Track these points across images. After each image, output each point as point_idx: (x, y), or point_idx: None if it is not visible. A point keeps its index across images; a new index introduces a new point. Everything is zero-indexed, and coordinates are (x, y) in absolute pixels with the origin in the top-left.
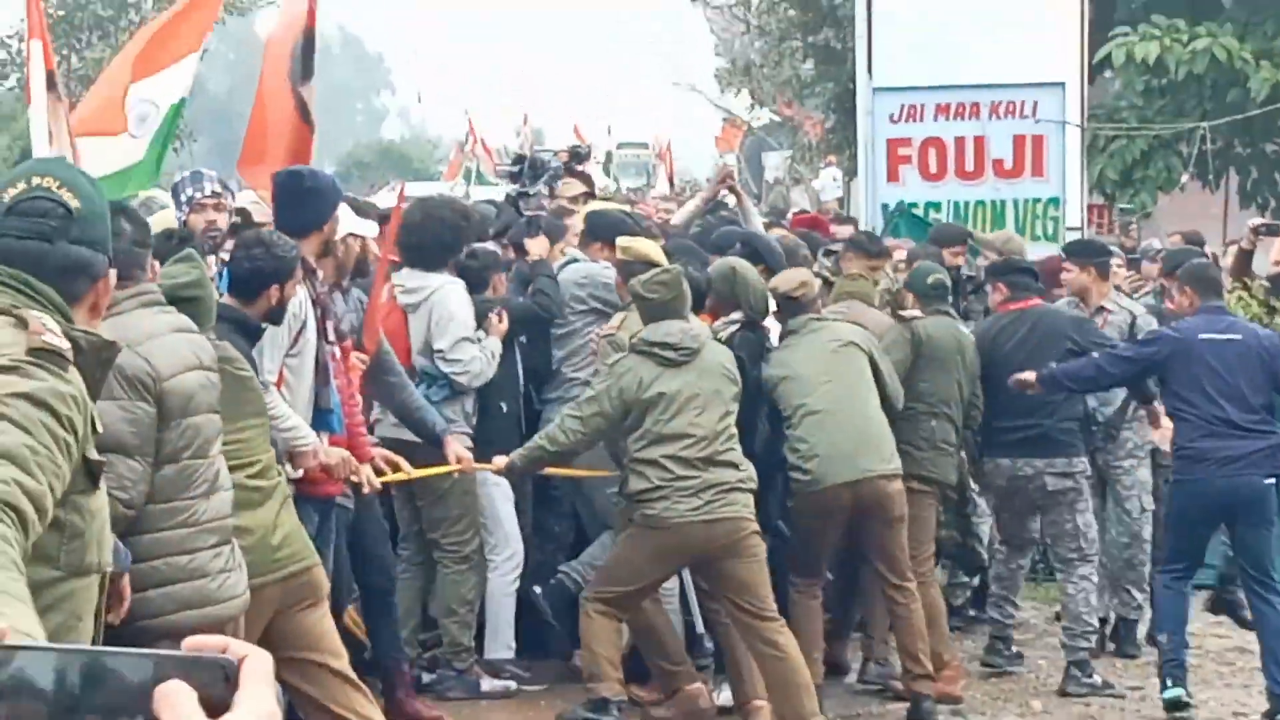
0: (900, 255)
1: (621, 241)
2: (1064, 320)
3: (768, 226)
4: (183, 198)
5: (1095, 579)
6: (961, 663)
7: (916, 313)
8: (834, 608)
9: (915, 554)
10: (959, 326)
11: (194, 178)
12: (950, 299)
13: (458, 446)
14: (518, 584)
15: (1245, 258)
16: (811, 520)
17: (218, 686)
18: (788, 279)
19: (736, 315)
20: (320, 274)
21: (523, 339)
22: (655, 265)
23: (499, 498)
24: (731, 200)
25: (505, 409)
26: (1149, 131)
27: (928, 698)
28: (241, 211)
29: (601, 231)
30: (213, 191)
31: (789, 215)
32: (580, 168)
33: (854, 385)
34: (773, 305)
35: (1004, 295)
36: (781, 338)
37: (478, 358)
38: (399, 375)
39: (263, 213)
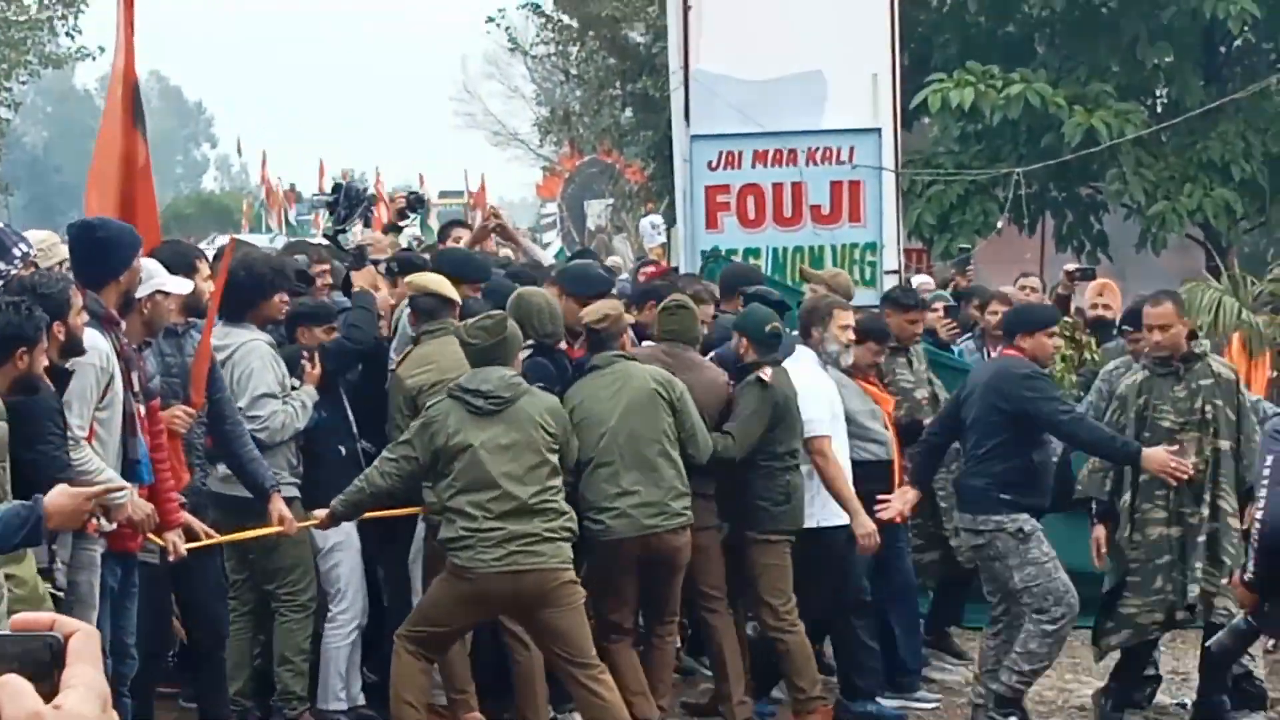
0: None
1: (411, 276)
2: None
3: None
4: (16, 252)
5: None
6: None
7: (766, 371)
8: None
9: (775, 602)
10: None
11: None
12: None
13: (280, 506)
14: (355, 636)
15: (1062, 302)
16: (606, 569)
17: (44, 664)
18: (592, 310)
19: (529, 341)
20: (124, 327)
21: (350, 377)
22: (443, 298)
23: (342, 549)
24: (506, 251)
25: (343, 452)
26: (965, 176)
27: None
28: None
29: (459, 269)
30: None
31: (635, 267)
32: (411, 215)
33: (646, 435)
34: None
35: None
36: (585, 372)
37: (278, 412)
38: (235, 424)
39: None
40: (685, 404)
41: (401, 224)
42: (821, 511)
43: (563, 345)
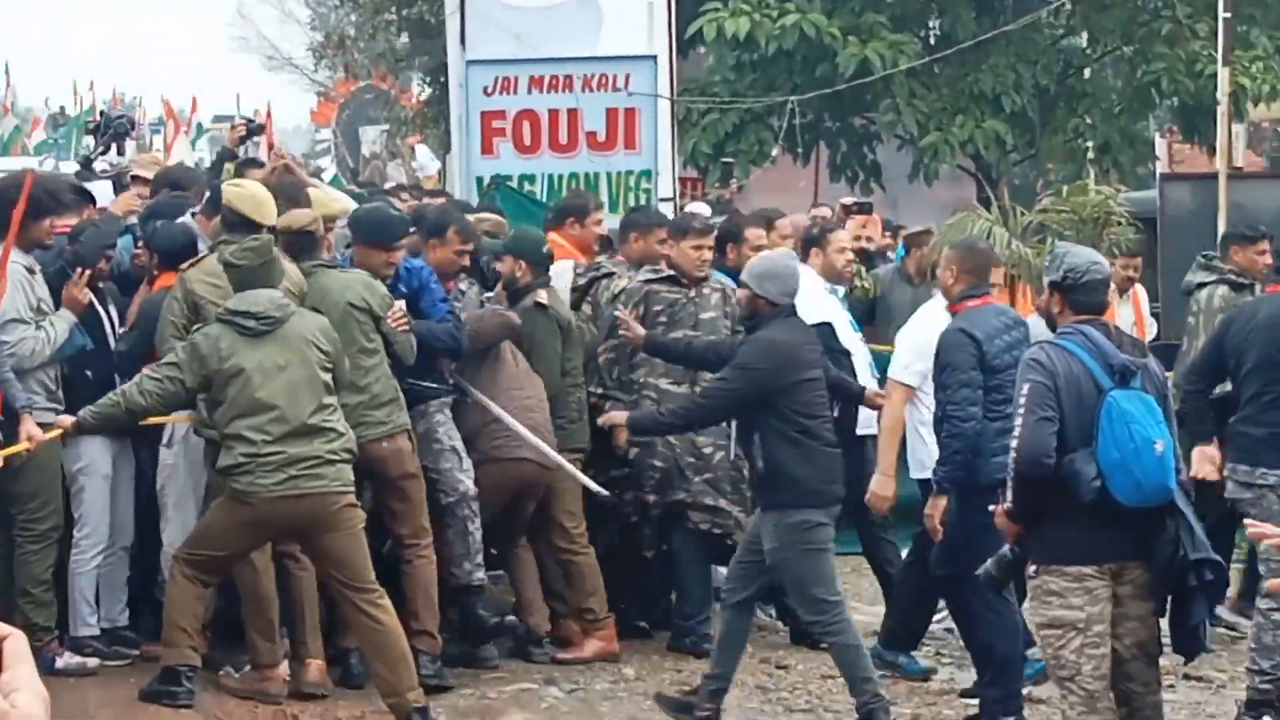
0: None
1: (227, 185)
2: None
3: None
4: None
5: None
6: None
7: (542, 295)
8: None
9: (568, 524)
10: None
11: None
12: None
13: (30, 424)
14: (101, 559)
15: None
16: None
17: None
18: (293, 216)
19: None
20: None
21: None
22: (244, 217)
23: (86, 473)
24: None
25: (90, 376)
26: (740, 105)
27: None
28: None
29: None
30: None
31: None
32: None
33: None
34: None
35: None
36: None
37: (27, 338)
38: None
39: None
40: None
41: (236, 151)
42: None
43: None
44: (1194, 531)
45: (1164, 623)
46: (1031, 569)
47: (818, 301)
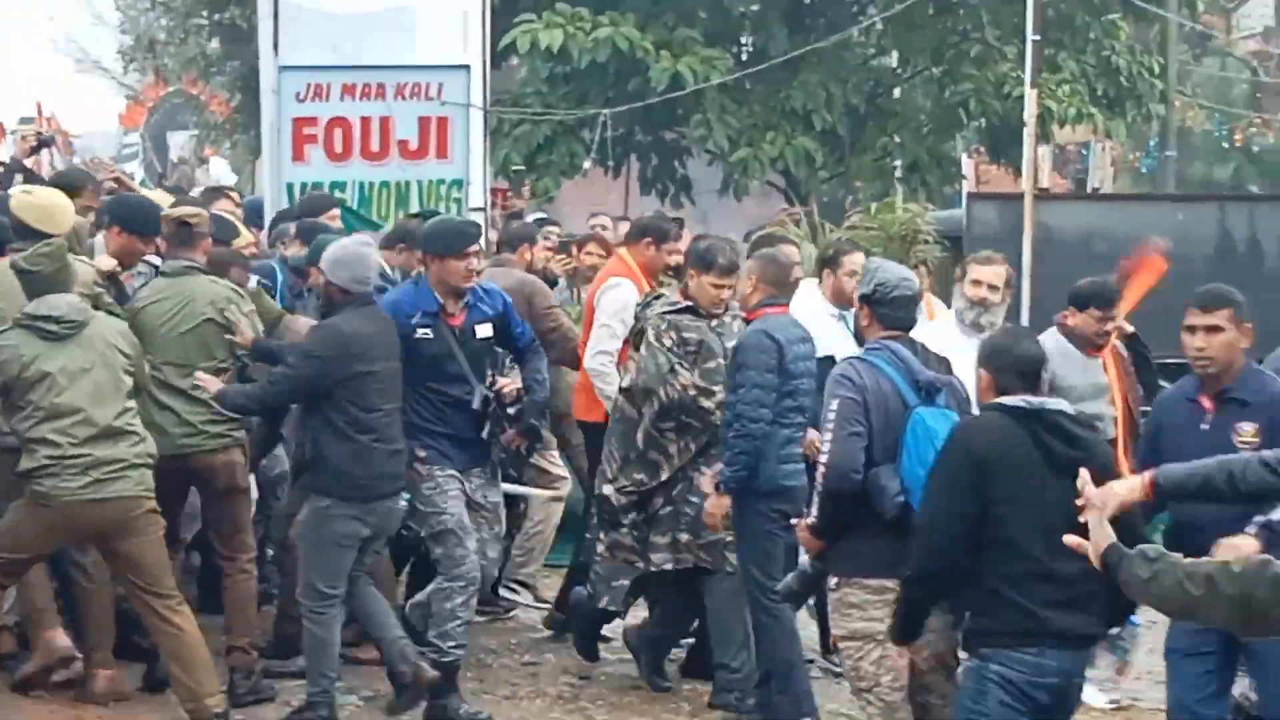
0: None
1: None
2: None
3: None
4: None
5: None
6: None
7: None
8: None
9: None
10: None
11: None
12: None
13: None
14: None
15: None
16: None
17: None
18: (181, 209)
19: None
20: None
21: None
22: (24, 225)
23: None
24: None
25: None
26: (552, 117)
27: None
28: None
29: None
30: None
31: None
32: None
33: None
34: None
35: None
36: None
37: None
38: None
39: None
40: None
41: (26, 162)
42: None
43: None
44: None
45: None
46: (832, 582)
47: (823, 326)
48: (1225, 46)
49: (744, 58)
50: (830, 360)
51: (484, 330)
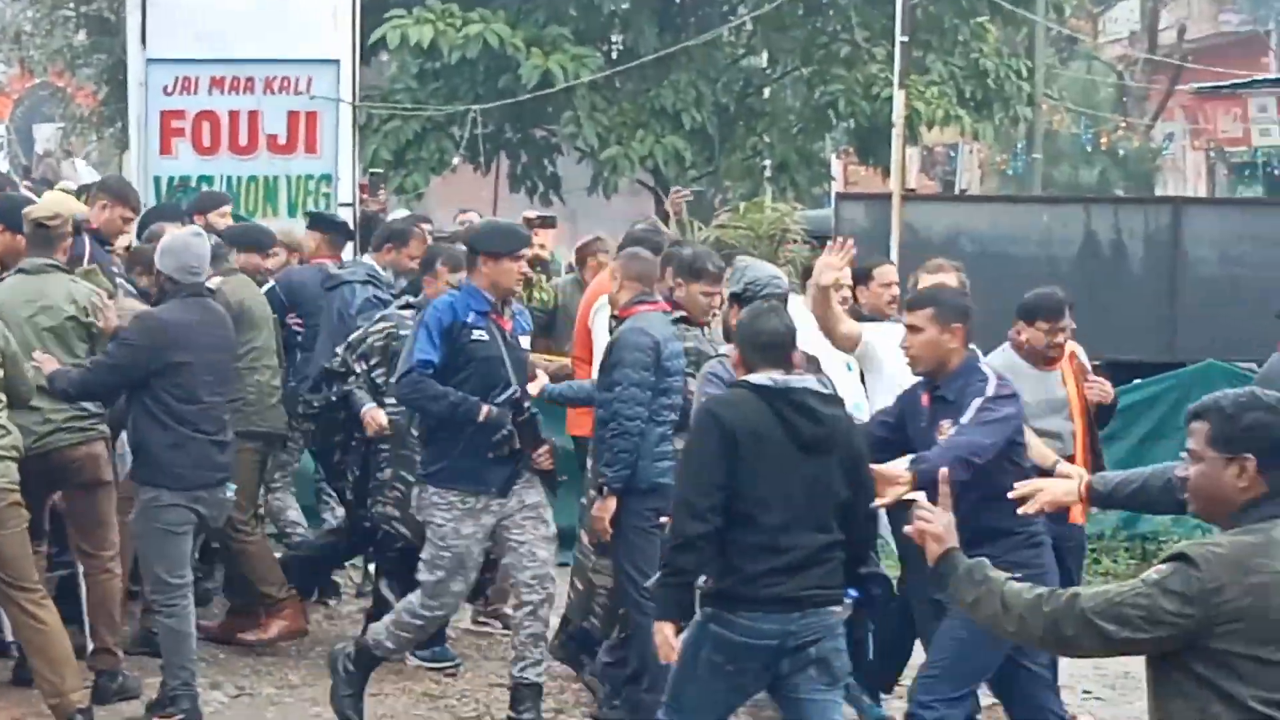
0: None
1: None
2: None
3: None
4: None
5: None
6: None
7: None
8: None
9: (235, 514)
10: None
11: None
12: None
13: None
14: None
15: None
16: None
17: None
18: (40, 207)
19: None
20: None
21: None
22: None
23: None
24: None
25: None
26: (422, 113)
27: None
28: None
29: None
30: None
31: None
32: None
33: None
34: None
35: None
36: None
37: None
38: None
39: None
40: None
41: None
42: None
43: None
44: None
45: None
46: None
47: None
48: (1092, 50)
49: (614, 56)
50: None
51: (525, 342)
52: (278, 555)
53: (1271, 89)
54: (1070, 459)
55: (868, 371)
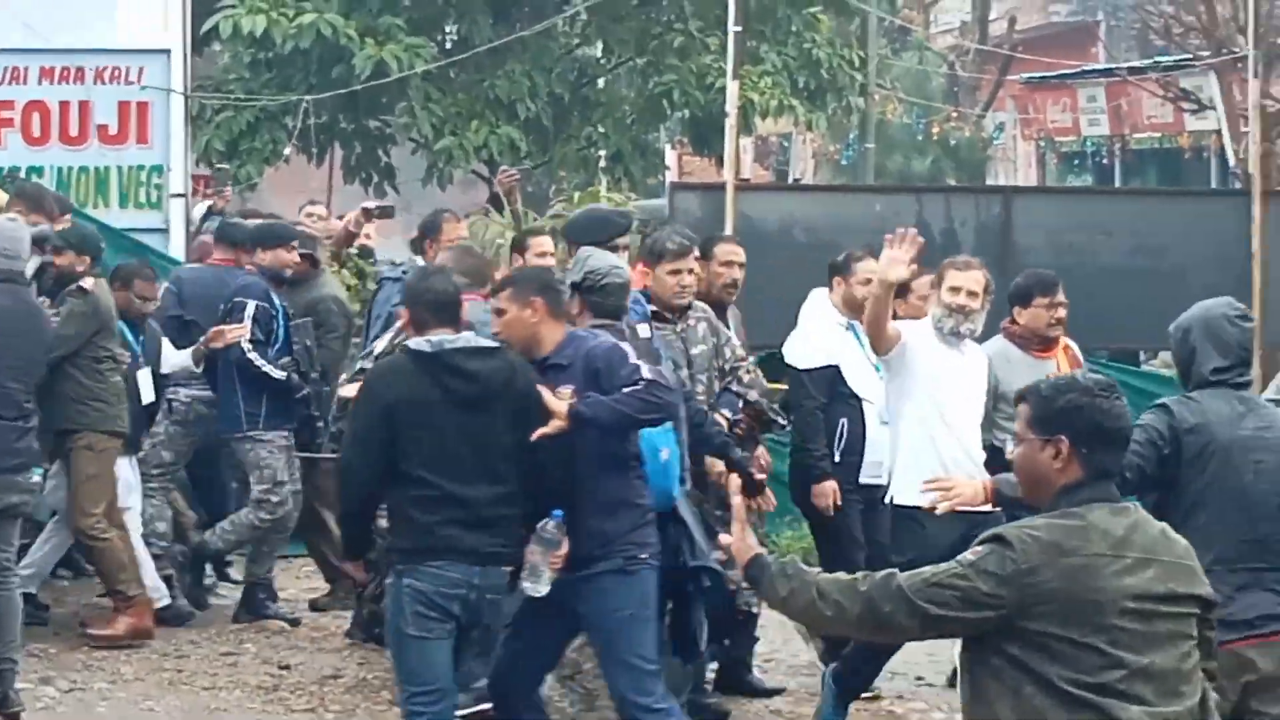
0: None
1: None
2: None
3: None
4: None
5: None
6: None
7: (88, 281)
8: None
9: (90, 508)
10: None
11: None
12: None
13: None
14: None
15: (351, 238)
16: None
17: None
18: None
19: None
20: None
21: None
22: None
23: None
24: None
25: None
26: (255, 103)
27: None
28: None
29: None
30: None
31: None
32: None
33: None
34: None
35: None
36: None
37: None
38: None
39: None
40: None
41: None
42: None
43: None
44: (694, 539)
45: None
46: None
47: (828, 336)
48: (923, 41)
49: (448, 46)
50: (834, 370)
51: (643, 330)
52: None
53: (1100, 79)
54: None
55: (898, 373)
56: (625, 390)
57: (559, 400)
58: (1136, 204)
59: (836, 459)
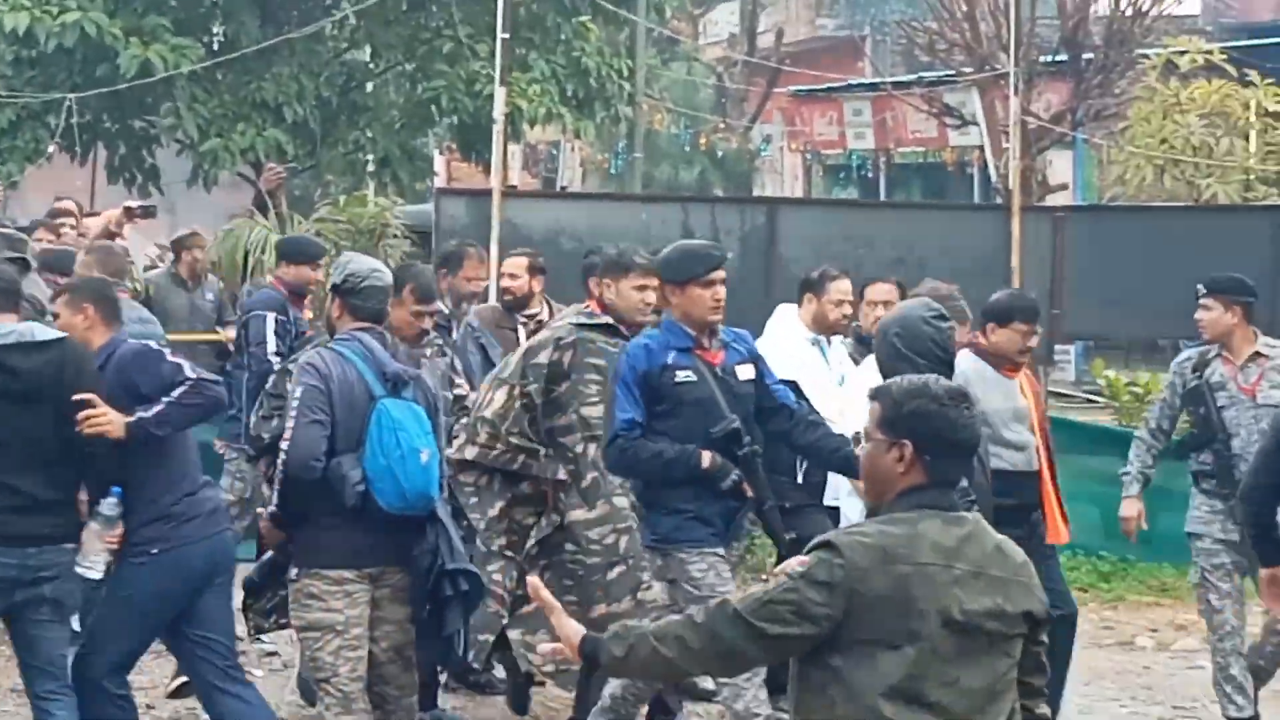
0: None
1: None
2: None
3: None
4: None
5: None
6: None
7: None
8: None
9: None
10: None
11: None
12: None
13: None
14: None
15: (110, 237)
16: None
17: None
18: None
19: None
20: None
21: None
22: None
23: None
24: None
25: None
26: (17, 100)
27: None
28: None
29: None
30: None
31: None
32: None
33: None
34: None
35: None
36: None
37: None
38: None
39: None
40: None
41: None
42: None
43: None
44: (452, 541)
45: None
46: (293, 572)
47: (794, 351)
48: (692, 51)
49: (215, 47)
50: (793, 385)
51: (745, 371)
52: None
53: (866, 94)
54: (1037, 474)
55: None
56: (176, 392)
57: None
58: (899, 216)
59: (799, 479)
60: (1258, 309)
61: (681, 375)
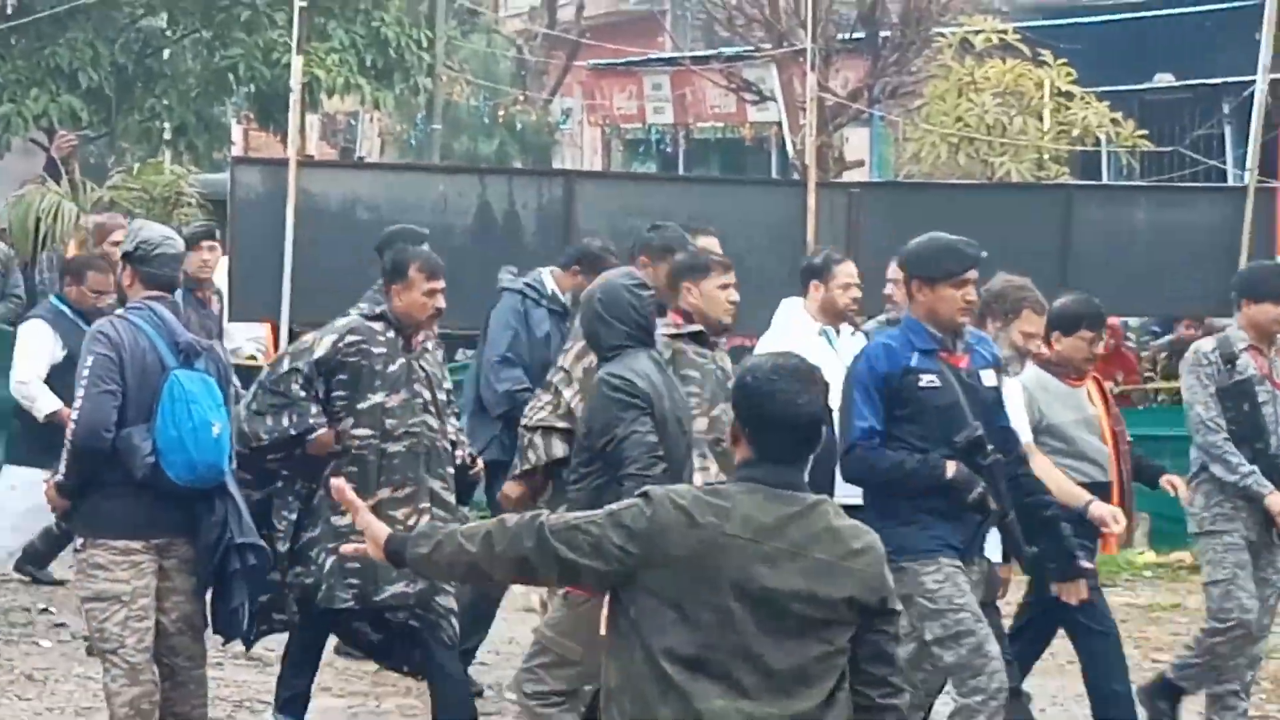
0: None
1: None
2: None
3: None
4: None
5: None
6: None
7: None
8: None
9: None
10: None
11: None
12: None
13: None
14: None
15: None
16: None
17: None
18: None
19: None
20: None
21: None
22: None
23: None
24: None
25: None
26: None
27: None
28: None
29: None
30: None
31: None
32: None
33: None
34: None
35: None
36: None
37: None
38: None
39: None
40: None
41: None
42: None
43: None
44: (241, 515)
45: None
46: (79, 542)
47: (801, 344)
48: (492, 24)
49: (8, 11)
50: None
51: (989, 377)
52: None
53: (665, 68)
54: (1108, 486)
55: None
56: None
57: None
58: (696, 190)
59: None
60: (1045, 286)
61: (926, 380)
